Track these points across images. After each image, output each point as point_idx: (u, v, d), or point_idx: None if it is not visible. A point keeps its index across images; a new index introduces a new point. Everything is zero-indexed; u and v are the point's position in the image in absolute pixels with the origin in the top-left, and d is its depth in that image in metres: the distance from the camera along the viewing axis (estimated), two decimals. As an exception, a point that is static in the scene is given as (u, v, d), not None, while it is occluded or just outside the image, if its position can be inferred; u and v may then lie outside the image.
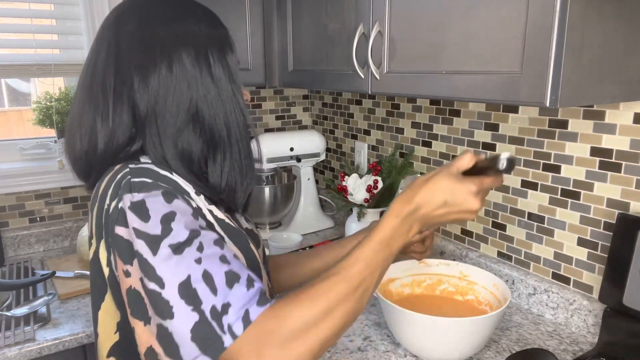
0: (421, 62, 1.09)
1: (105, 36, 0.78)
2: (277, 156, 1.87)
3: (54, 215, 1.81)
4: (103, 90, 0.75)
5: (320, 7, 1.41)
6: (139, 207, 0.67)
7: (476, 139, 1.44)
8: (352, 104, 1.97)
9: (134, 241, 0.66)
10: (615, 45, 0.89)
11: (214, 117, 0.77)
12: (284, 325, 0.63)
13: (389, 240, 0.72)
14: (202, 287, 0.64)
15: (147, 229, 0.66)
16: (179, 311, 0.63)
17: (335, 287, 0.67)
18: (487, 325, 1.03)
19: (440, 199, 0.72)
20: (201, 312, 0.63)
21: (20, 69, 1.70)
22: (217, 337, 0.62)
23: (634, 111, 1.07)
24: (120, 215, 0.68)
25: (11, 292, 1.38)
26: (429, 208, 0.73)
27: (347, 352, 1.14)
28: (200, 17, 0.79)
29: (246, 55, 1.63)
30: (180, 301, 0.63)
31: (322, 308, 0.65)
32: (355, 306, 0.68)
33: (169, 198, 0.69)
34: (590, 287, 1.21)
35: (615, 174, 1.12)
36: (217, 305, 0.63)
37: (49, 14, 1.71)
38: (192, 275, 0.64)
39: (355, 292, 0.68)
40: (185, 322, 0.63)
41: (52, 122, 1.74)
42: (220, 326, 0.63)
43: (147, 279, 0.64)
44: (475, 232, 1.50)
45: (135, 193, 0.68)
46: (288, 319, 0.63)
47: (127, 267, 0.67)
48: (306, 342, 0.63)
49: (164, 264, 0.64)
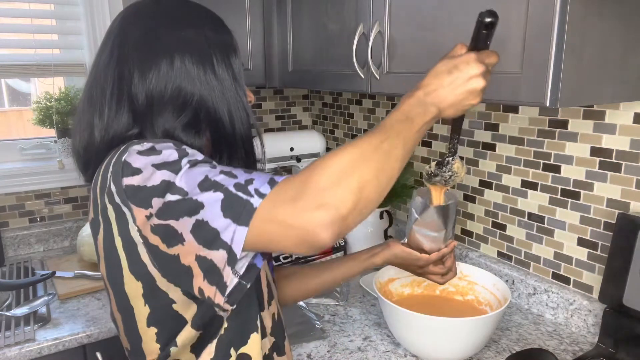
0: (421, 62, 1.09)
1: (110, 40, 0.79)
2: (277, 156, 1.87)
3: (54, 215, 1.81)
4: (102, 87, 0.77)
5: (320, 7, 1.41)
6: (150, 149, 0.68)
7: (476, 138, 1.44)
8: (352, 104, 1.97)
9: (154, 175, 0.66)
10: (615, 45, 0.89)
11: (218, 114, 0.78)
12: (314, 176, 0.61)
13: (407, 114, 0.71)
14: (221, 177, 0.65)
15: (165, 158, 0.67)
16: (205, 199, 0.63)
17: (359, 143, 0.65)
18: (487, 325, 1.03)
19: (444, 76, 0.72)
20: (225, 189, 0.63)
21: (20, 69, 1.70)
22: (245, 202, 0.62)
23: (634, 111, 1.07)
24: (125, 167, 0.68)
25: (11, 292, 1.38)
26: (437, 88, 0.72)
27: (347, 352, 1.14)
28: (206, 21, 0.80)
29: (246, 55, 1.63)
30: (203, 193, 0.64)
31: (350, 157, 0.63)
32: (382, 160, 0.65)
33: (178, 145, 0.71)
34: (590, 287, 1.21)
35: (615, 174, 1.12)
36: (240, 181, 0.64)
37: (49, 14, 1.71)
38: (209, 174, 0.65)
39: (380, 146, 0.65)
40: (214, 204, 0.63)
41: (52, 122, 1.74)
42: (247, 193, 0.63)
43: (170, 193, 0.65)
44: (475, 232, 1.50)
45: (144, 142, 0.70)
46: (316, 171, 0.62)
47: (149, 210, 0.66)
48: (340, 189, 0.61)
49: (184, 176, 0.65)
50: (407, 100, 0.72)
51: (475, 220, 1.49)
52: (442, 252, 1.01)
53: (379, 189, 0.65)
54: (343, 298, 1.39)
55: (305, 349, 1.15)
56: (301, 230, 0.59)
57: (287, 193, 0.61)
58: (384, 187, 0.66)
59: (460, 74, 0.72)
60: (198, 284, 0.66)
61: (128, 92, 0.76)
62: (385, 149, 0.66)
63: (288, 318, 1.08)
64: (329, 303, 1.38)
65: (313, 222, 0.59)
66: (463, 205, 1.52)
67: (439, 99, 0.72)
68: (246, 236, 0.62)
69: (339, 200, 0.60)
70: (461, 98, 0.73)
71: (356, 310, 1.34)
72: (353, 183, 0.61)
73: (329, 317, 1.31)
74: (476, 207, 1.48)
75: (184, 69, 0.75)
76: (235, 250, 0.62)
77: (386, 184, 0.66)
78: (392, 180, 0.67)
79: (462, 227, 1.54)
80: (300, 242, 0.60)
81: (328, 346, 1.17)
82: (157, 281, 0.70)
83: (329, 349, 1.16)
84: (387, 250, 1.05)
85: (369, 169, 0.63)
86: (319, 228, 0.59)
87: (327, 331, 1.23)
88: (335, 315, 1.31)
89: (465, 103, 0.73)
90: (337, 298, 1.38)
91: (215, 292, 0.65)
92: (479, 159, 1.44)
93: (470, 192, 1.49)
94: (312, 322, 1.26)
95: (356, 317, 1.30)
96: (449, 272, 1.06)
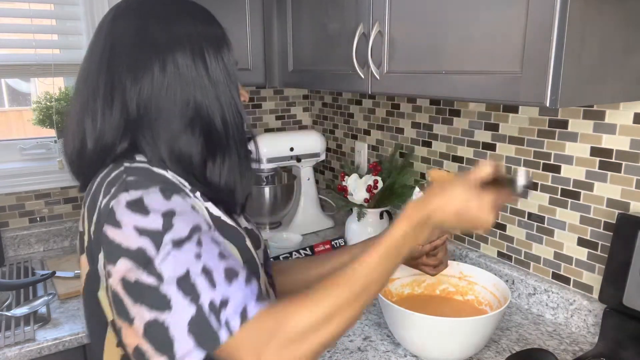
0: (421, 62, 1.09)
1: (100, 37, 0.77)
2: (277, 156, 1.87)
3: (54, 215, 1.81)
4: (94, 91, 0.75)
5: (320, 7, 1.41)
6: (138, 204, 0.66)
7: (476, 138, 1.44)
8: (352, 104, 1.97)
9: (132, 239, 0.65)
10: (615, 45, 0.89)
11: (212, 119, 0.76)
12: (284, 327, 0.62)
13: (397, 246, 0.71)
14: (200, 280, 0.63)
15: (148, 224, 0.65)
16: (177, 303, 0.62)
17: (339, 292, 0.66)
18: (487, 325, 1.03)
19: (454, 207, 0.72)
20: (199, 305, 0.62)
21: (20, 69, 1.70)
22: (213, 332, 0.62)
23: (634, 111, 1.07)
24: (110, 215, 0.67)
25: (11, 292, 1.38)
26: (442, 216, 0.72)
27: (347, 352, 1.14)
28: (196, 16, 0.79)
29: (246, 55, 1.63)
30: (178, 293, 0.62)
31: (324, 313, 0.64)
32: (357, 312, 0.68)
33: (167, 195, 0.68)
34: (590, 287, 1.21)
35: (615, 174, 1.12)
36: (215, 300, 0.63)
37: (49, 14, 1.71)
38: (190, 269, 0.64)
39: (358, 298, 0.67)
40: (183, 314, 0.62)
41: (52, 122, 1.74)
42: (217, 320, 0.62)
43: (147, 273, 0.63)
44: (475, 232, 1.50)
45: (132, 191, 0.68)
46: (289, 320, 0.63)
47: (110, 268, 0.66)
48: (305, 344, 0.63)
49: (164, 259, 0.64)
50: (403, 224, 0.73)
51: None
52: (434, 244, 1.04)
53: (341, 335, 0.67)
54: (343, 298, 1.39)
55: (305, 349, 1.15)
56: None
57: (253, 338, 0.62)
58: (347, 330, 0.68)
59: (470, 215, 0.72)
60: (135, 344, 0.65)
61: (121, 99, 0.74)
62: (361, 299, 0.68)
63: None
64: (329, 303, 1.37)
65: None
66: (463, 205, 1.52)
67: (438, 228, 0.74)
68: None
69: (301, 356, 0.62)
70: (461, 228, 0.75)
71: (356, 310, 1.34)
72: (315, 343, 0.63)
73: (329, 317, 1.31)
74: (476, 207, 1.48)
75: (177, 72, 0.74)
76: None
77: (350, 327, 0.69)
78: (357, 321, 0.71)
79: (462, 227, 1.54)
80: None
81: (328, 346, 1.17)
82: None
83: (329, 349, 1.16)
84: None
85: (335, 327, 0.66)
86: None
87: (327, 331, 1.23)
88: (335, 315, 1.31)
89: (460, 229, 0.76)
90: (337, 298, 1.38)
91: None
92: (479, 159, 1.44)
93: (470, 192, 1.49)
94: (312, 322, 1.26)
95: (356, 317, 1.30)
96: (440, 264, 1.08)
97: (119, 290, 0.65)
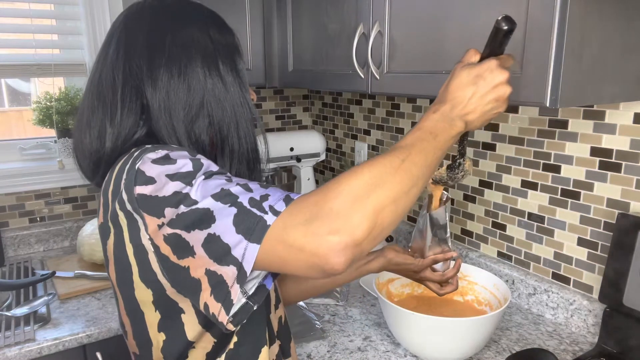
0: (421, 62, 1.09)
1: (114, 38, 0.78)
2: (277, 156, 1.87)
3: (54, 215, 1.81)
4: (113, 92, 0.76)
5: (320, 7, 1.41)
6: (164, 158, 0.67)
7: (476, 139, 1.44)
8: (352, 104, 1.97)
9: (167, 186, 0.65)
10: (615, 45, 0.89)
11: (222, 111, 0.78)
12: (329, 199, 0.58)
13: (430, 130, 0.69)
14: (236, 189, 0.64)
15: (178, 169, 0.66)
16: (219, 212, 0.62)
17: (377, 163, 0.63)
18: (487, 325, 1.03)
19: (469, 87, 0.70)
20: (239, 203, 0.62)
21: (20, 69, 1.70)
22: (259, 219, 0.60)
23: (634, 111, 1.07)
24: (139, 176, 0.67)
25: (11, 292, 1.38)
26: (463, 100, 0.70)
27: (347, 352, 1.14)
28: (209, 22, 0.80)
29: (246, 55, 1.63)
30: (216, 203, 0.62)
31: (368, 179, 0.60)
32: (401, 182, 0.62)
33: (192, 153, 0.70)
34: (590, 287, 1.21)
35: (615, 174, 1.12)
36: (255, 196, 0.63)
37: (49, 14, 1.71)
38: (224, 186, 0.64)
39: (400, 167, 0.63)
40: (227, 218, 0.61)
41: (52, 122, 1.74)
42: (261, 209, 0.61)
43: (184, 205, 0.63)
44: (475, 232, 1.50)
45: (158, 151, 0.69)
46: (331, 193, 0.59)
47: (162, 220, 0.65)
48: (355, 212, 0.58)
49: (199, 187, 0.64)
50: (431, 115, 0.70)
51: (475, 220, 1.49)
52: (433, 258, 1.04)
53: (395, 214, 0.61)
54: (343, 298, 1.39)
55: (305, 349, 1.15)
56: (312, 255, 0.57)
57: (300, 214, 0.59)
58: (401, 211, 0.62)
59: (486, 82, 0.70)
60: (204, 299, 0.64)
61: (140, 99, 0.75)
62: (406, 170, 0.63)
63: (288, 318, 1.08)
64: (329, 303, 1.38)
65: (325, 247, 0.56)
66: (463, 205, 1.52)
67: (466, 111, 0.70)
68: (257, 254, 0.60)
69: (354, 225, 0.57)
70: (489, 108, 0.71)
71: (356, 310, 1.34)
72: (369, 208, 0.58)
73: (329, 317, 1.31)
74: (476, 207, 1.48)
75: (191, 73, 0.75)
76: (246, 267, 0.60)
77: (404, 207, 0.63)
78: (411, 203, 0.64)
79: (462, 227, 1.54)
80: (311, 266, 0.58)
81: (328, 346, 1.17)
82: (167, 290, 0.70)
83: (329, 349, 1.16)
84: (382, 257, 1.07)
85: (386, 193, 0.60)
86: (331, 254, 0.56)
87: (327, 331, 1.23)
88: (335, 315, 1.31)
89: (492, 112, 0.72)
90: (337, 298, 1.39)
91: (220, 310, 0.63)
92: (479, 159, 1.44)
93: (470, 192, 1.49)
94: (312, 322, 1.26)
95: (356, 317, 1.30)
96: (448, 286, 1.08)
97: (172, 231, 0.64)
